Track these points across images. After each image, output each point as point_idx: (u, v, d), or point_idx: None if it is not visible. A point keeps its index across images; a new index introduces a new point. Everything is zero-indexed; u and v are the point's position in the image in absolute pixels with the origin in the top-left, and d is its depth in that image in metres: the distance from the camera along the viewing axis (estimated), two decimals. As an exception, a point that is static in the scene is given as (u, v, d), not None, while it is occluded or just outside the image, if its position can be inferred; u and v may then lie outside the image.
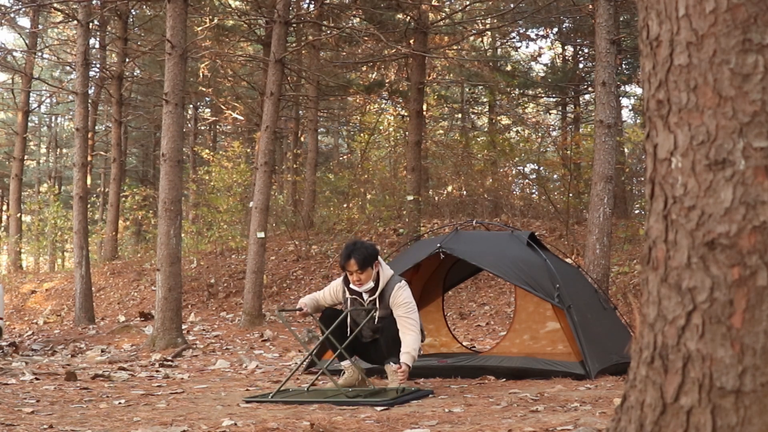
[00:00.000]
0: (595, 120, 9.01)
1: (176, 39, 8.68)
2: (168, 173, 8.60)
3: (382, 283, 4.75)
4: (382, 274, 4.77)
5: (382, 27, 14.05)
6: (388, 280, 4.76)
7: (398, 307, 4.70)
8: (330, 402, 4.13)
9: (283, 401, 4.21)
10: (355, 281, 4.74)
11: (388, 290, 4.75)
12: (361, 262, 4.66)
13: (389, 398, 4.10)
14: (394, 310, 4.73)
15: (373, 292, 4.77)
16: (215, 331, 10.30)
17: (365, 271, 4.69)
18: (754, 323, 1.59)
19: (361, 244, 4.74)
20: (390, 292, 4.74)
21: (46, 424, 3.42)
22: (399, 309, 4.70)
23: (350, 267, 4.70)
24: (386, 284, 4.76)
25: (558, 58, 21.23)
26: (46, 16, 19.32)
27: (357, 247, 4.70)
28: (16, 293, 15.55)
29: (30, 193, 29.23)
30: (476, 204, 16.87)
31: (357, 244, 4.73)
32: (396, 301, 4.71)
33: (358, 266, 4.66)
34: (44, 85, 22.14)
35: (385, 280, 4.76)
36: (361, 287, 4.75)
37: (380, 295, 4.76)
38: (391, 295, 4.73)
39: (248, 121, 19.46)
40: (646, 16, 1.84)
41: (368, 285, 4.74)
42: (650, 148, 1.83)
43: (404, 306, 4.69)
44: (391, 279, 4.78)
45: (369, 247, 4.74)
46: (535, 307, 6.17)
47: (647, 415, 1.73)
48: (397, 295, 4.71)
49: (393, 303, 4.73)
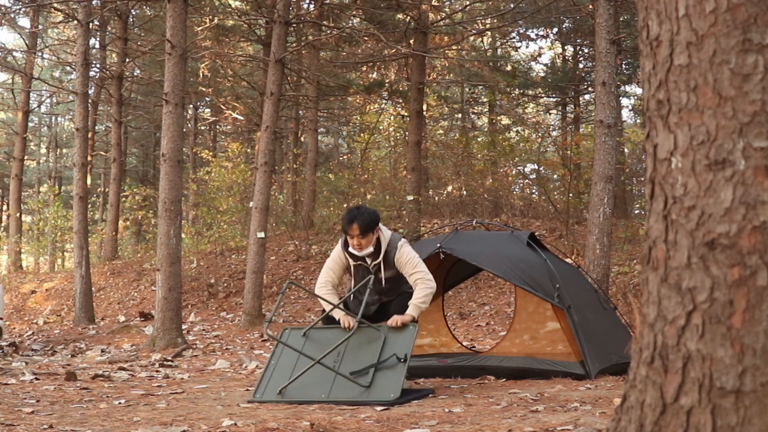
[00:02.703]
0: (595, 120, 9.01)
1: (176, 39, 8.68)
2: (168, 173, 8.60)
3: (384, 245, 4.77)
4: (383, 237, 4.79)
5: (382, 27, 14.05)
6: (389, 242, 4.79)
7: (404, 265, 4.74)
8: (329, 402, 4.13)
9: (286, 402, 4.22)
10: (356, 245, 4.74)
11: (391, 251, 4.77)
12: (364, 227, 4.66)
13: (390, 399, 4.10)
14: (401, 269, 4.76)
15: (375, 256, 4.79)
16: (215, 331, 10.31)
17: (366, 237, 4.69)
18: (754, 323, 1.59)
19: (364, 209, 4.75)
20: (393, 253, 4.76)
21: (46, 424, 3.42)
22: (406, 267, 4.74)
23: (352, 231, 4.69)
24: (387, 246, 4.78)
25: (558, 58, 21.23)
26: (46, 16, 19.32)
27: (360, 212, 4.71)
28: (16, 293, 15.55)
29: (30, 193, 29.23)
30: (476, 204, 16.86)
31: (360, 209, 4.74)
32: (401, 259, 4.74)
33: (360, 231, 4.66)
34: (44, 85, 22.15)
35: (386, 243, 4.78)
36: (361, 252, 4.75)
37: (384, 258, 4.78)
38: (395, 255, 4.75)
39: (248, 121, 19.46)
40: (646, 16, 1.84)
41: (368, 250, 4.74)
42: (650, 148, 1.83)
43: (410, 263, 4.73)
44: (391, 240, 4.80)
45: (372, 213, 4.74)
46: (535, 307, 6.17)
47: (647, 415, 1.73)
48: (401, 254, 4.74)
49: (398, 262, 4.76)
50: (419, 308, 4.64)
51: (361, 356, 4.45)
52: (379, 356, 4.40)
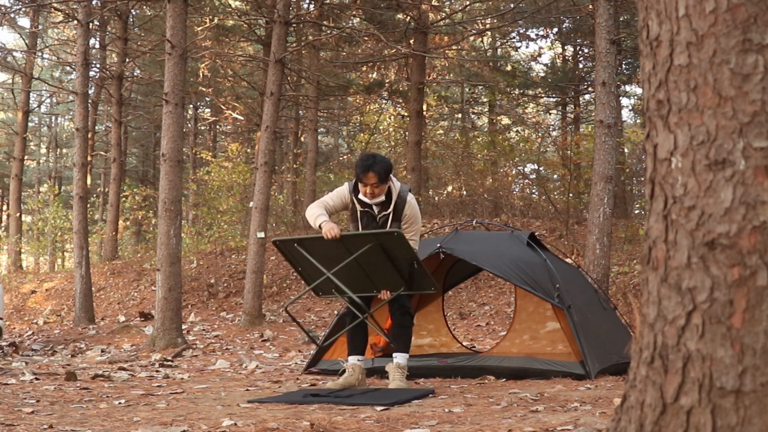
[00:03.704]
0: (595, 120, 9.01)
1: (176, 39, 8.68)
2: (168, 173, 8.60)
3: (394, 196, 4.74)
4: (393, 187, 4.76)
5: (382, 27, 14.06)
6: (398, 193, 4.76)
7: (408, 220, 4.76)
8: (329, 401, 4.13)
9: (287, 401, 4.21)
10: (368, 193, 4.69)
11: (400, 203, 4.75)
12: (382, 175, 4.62)
13: (390, 399, 4.10)
14: (404, 221, 4.76)
15: (385, 206, 4.76)
16: (215, 331, 10.31)
17: (382, 185, 4.66)
18: (754, 323, 1.59)
19: (380, 158, 4.70)
20: (402, 205, 4.75)
21: (46, 424, 3.42)
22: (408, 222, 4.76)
23: (369, 180, 4.63)
24: (398, 197, 4.75)
25: (558, 58, 21.24)
26: (46, 16, 19.32)
27: (377, 160, 4.65)
28: (16, 293, 15.56)
29: (30, 193, 29.23)
30: (476, 204, 16.86)
31: (377, 157, 4.68)
32: (408, 213, 4.75)
33: (378, 179, 4.62)
34: (44, 85, 22.15)
35: (396, 193, 4.75)
36: (373, 200, 4.72)
37: (394, 209, 4.75)
38: (404, 208, 4.74)
39: (248, 121, 19.46)
40: (646, 16, 1.84)
41: (380, 198, 4.72)
42: (650, 148, 1.83)
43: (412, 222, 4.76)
44: (401, 191, 4.77)
45: (387, 161, 4.70)
46: (535, 307, 6.17)
47: (647, 415, 1.73)
48: (412, 209, 4.76)
49: (405, 215, 4.75)
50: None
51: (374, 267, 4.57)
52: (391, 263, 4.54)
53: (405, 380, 4.78)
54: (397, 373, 4.77)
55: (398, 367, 4.78)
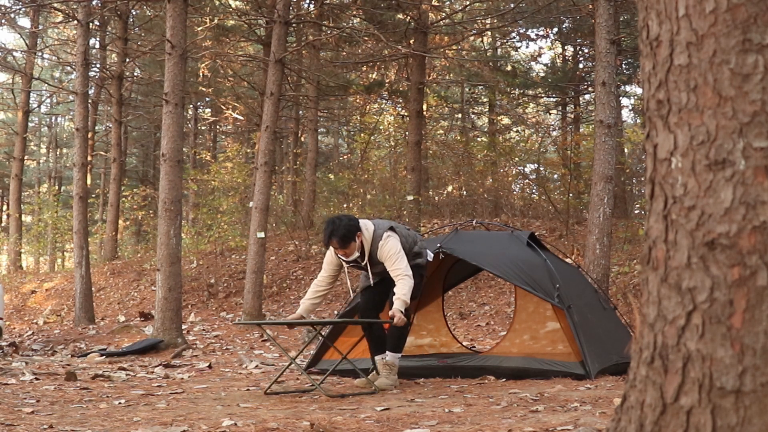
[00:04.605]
0: (595, 120, 9.01)
1: (176, 39, 8.68)
2: (168, 173, 8.60)
3: (367, 248, 4.90)
4: (365, 239, 4.90)
5: (382, 27, 14.05)
6: (371, 242, 4.91)
7: (386, 260, 4.88)
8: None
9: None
10: (342, 255, 4.92)
11: (374, 250, 4.91)
12: (341, 240, 4.80)
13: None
14: (384, 262, 4.90)
15: (362, 258, 4.95)
16: (215, 331, 10.30)
17: (348, 247, 4.83)
18: (754, 323, 1.59)
19: (339, 222, 4.83)
20: (376, 252, 4.90)
21: (46, 424, 3.42)
22: (387, 262, 4.88)
23: (333, 246, 4.86)
24: (371, 246, 4.91)
25: (558, 58, 21.23)
26: (46, 16, 19.31)
27: (336, 225, 4.81)
28: (16, 293, 15.55)
29: (30, 193, 29.22)
30: (476, 204, 16.86)
31: (336, 222, 4.83)
32: (383, 255, 4.88)
33: (339, 245, 4.82)
34: (44, 85, 22.14)
35: (368, 245, 4.90)
36: (348, 258, 4.93)
37: (370, 259, 4.94)
38: (379, 252, 4.89)
39: (248, 121, 19.45)
40: (646, 16, 1.84)
41: (354, 255, 4.90)
42: (650, 148, 1.83)
43: (390, 259, 4.86)
44: (373, 239, 4.91)
45: (347, 225, 4.82)
46: (535, 307, 6.17)
47: (647, 415, 1.73)
48: (383, 251, 4.87)
49: (380, 257, 4.90)
50: (405, 302, 4.78)
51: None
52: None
53: (393, 377, 4.94)
54: (385, 369, 4.96)
55: (386, 364, 4.97)
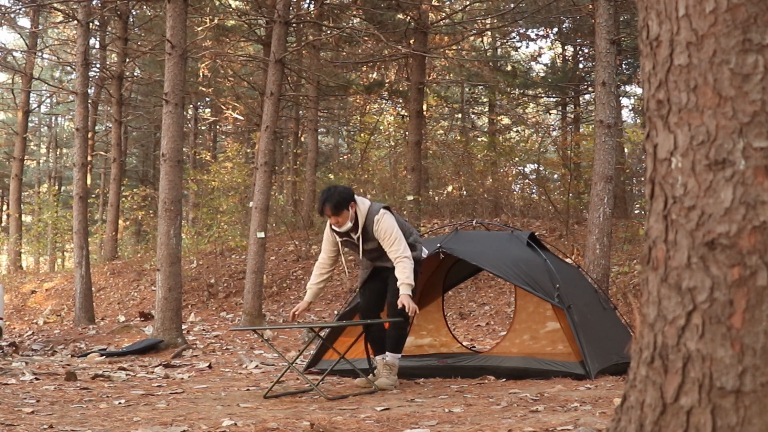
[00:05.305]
0: (595, 120, 9.01)
1: (176, 39, 8.68)
2: (168, 173, 8.60)
3: (361, 220, 4.91)
4: (359, 211, 4.92)
5: (382, 27, 14.04)
6: (366, 215, 4.91)
7: (383, 240, 4.89)
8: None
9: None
10: (333, 224, 4.94)
11: (369, 225, 4.91)
12: (334, 207, 4.83)
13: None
14: (380, 242, 4.91)
15: (355, 230, 4.95)
16: (215, 331, 10.30)
17: (341, 215, 4.86)
18: (754, 323, 1.59)
19: (334, 190, 4.88)
20: (371, 227, 4.91)
21: (46, 424, 3.42)
22: (384, 242, 4.89)
23: (326, 212, 4.89)
24: (365, 219, 4.91)
25: (558, 58, 21.23)
26: (46, 16, 19.31)
27: (331, 193, 4.85)
28: (16, 293, 15.55)
29: (30, 193, 29.22)
30: (476, 204, 16.86)
31: (331, 190, 4.88)
32: (379, 232, 4.89)
33: (331, 211, 4.84)
34: (44, 85, 22.15)
35: (363, 217, 4.91)
36: (340, 228, 4.94)
37: (363, 232, 4.94)
38: (373, 229, 4.90)
39: (248, 121, 19.45)
40: (646, 16, 1.84)
41: (347, 226, 4.91)
42: (650, 148, 1.83)
43: (387, 239, 4.87)
44: (368, 213, 4.92)
45: (342, 192, 4.87)
46: (535, 307, 6.17)
47: (647, 415, 1.73)
48: (379, 227, 4.88)
49: (377, 234, 4.90)
50: (410, 285, 4.79)
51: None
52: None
53: (393, 377, 4.94)
54: (385, 369, 4.95)
55: (386, 365, 4.97)
